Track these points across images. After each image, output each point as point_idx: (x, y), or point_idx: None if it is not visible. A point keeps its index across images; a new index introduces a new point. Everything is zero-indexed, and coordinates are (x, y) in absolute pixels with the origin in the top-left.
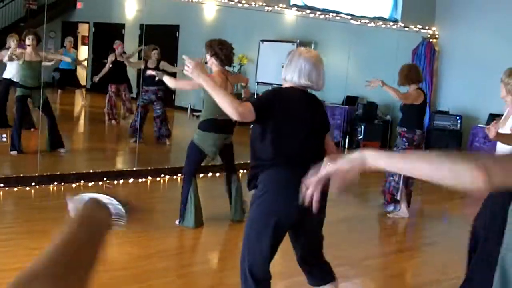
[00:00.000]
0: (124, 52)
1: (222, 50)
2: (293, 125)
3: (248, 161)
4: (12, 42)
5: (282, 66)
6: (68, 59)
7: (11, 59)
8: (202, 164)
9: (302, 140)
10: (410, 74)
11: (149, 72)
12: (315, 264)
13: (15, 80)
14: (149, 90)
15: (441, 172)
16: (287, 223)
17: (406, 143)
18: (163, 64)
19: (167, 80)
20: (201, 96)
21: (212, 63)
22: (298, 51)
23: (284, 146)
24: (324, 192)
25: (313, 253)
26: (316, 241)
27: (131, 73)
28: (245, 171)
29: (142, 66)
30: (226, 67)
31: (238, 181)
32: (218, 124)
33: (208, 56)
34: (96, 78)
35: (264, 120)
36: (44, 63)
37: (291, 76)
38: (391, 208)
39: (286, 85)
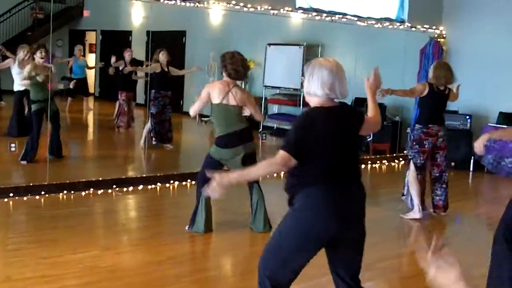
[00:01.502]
0: (134, 59)
1: (232, 64)
2: (325, 144)
3: None
4: (21, 52)
5: (302, 80)
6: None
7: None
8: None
9: (336, 156)
10: (436, 76)
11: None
12: (350, 284)
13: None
14: (166, 95)
15: None
16: (326, 239)
17: (422, 134)
18: (171, 70)
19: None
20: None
21: (222, 73)
22: (318, 62)
23: (320, 165)
24: (362, 206)
25: (350, 272)
26: (355, 260)
27: (140, 81)
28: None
29: (159, 69)
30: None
31: (260, 191)
32: (231, 138)
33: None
34: (114, 61)
35: (302, 155)
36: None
37: (314, 89)
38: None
39: (310, 99)
